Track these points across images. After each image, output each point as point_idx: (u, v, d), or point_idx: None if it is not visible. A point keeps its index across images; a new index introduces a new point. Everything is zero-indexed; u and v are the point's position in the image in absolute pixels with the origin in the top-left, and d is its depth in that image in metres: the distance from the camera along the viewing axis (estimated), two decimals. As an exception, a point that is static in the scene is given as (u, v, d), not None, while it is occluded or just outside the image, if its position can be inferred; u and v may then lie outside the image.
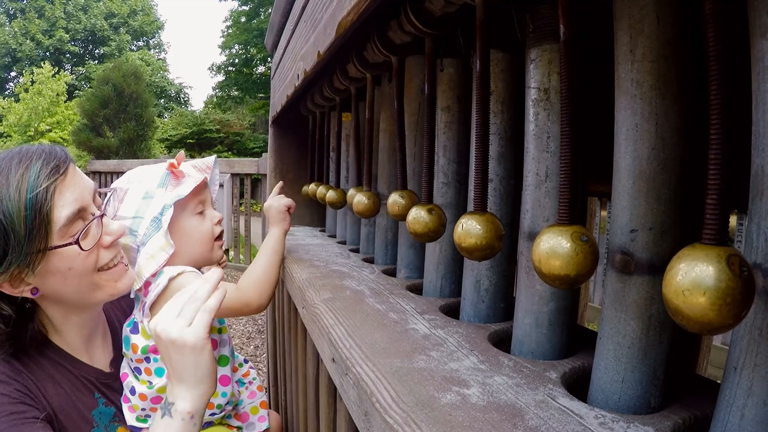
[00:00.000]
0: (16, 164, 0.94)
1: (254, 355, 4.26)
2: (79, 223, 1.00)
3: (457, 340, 0.87)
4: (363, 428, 0.74)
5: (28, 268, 0.94)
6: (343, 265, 1.49)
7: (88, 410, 1.10)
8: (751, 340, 0.49)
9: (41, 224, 0.93)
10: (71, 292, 1.03)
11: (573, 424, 0.60)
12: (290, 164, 2.64)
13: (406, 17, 0.98)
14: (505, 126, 0.95)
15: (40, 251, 0.94)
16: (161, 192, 1.17)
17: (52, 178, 0.95)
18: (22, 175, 0.93)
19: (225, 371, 1.23)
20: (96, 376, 1.14)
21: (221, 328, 1.25)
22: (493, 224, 0.74)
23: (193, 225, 1.23)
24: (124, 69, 12.84)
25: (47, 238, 0.95)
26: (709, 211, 0.43)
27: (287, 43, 1.97)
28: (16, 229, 0.91)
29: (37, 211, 0.93)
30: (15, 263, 0.92)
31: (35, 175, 0.94)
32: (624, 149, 0.63)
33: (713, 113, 0.44)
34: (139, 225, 1.14)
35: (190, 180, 1.21)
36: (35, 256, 0.94)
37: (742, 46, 0.51)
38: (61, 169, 0.98)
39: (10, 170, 0.94)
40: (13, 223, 0.91)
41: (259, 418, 1.36)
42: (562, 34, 0.62)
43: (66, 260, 0.98)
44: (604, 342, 0.67)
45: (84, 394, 1.10)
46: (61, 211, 0.96)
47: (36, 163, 0.95)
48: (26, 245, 0.92)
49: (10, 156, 0.97)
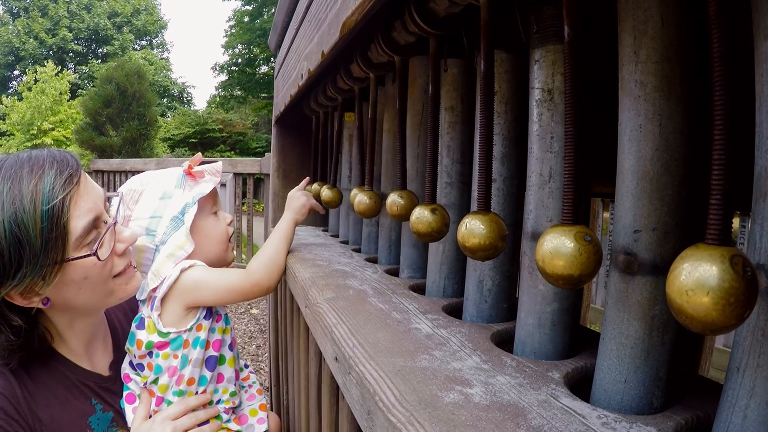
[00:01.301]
0: (28, 173, 0.92)
1: (256, 355, 4.27)
2: (94, 233, 0.98)
3: (460, 340, 0.87)
4: (366, 427, 0.75)
5: (43, 280, 0.91)
6: (346, 264, 1.50)
7: (84, 418, 1.09)
8: (754, 340, 0.49)
9: (58, 237, 0.91)
10: (84, 301, 1.02)
11: (576, 424, 0.60)
12: (293, 164, 2.65)
13: (411, 17, 0.98)
14: (508, 126, 0.95)
15: (56, 263, 0.92)
16: (179, 192, 1.19)
17: (68, 189, 0.93)
18: (36, 186, 0.90)
19: (222, 369, 1.23)
20: (94, 381, 1.14)
21: (225, 328, 1.26)
22: (497, 224, 0.74)
23: (210, 224, 1.26)
24: (127, 68, 12.85)
25: (64, 249, 0.93)
26: (713, 211, 0.43)
27: (291, 43, 1.97)
28: (32, 242, 0.88)
29: (54, 223, 0.90)
30: (30, 275, 0.90)
31: (50, 185, 0.91)
32: (628, 150, 0.63)
33: (717, 114, 0.44)
34: (158, 224, 1.16)
35: (207, 180, 1.23)
36: (51, 269, 0.92)
37: (746, 48, 0.51)
38: (75, 179, 0.96)
39: (22, 180, 0.91)
40: (29, 236, 0.88)
41: (258, 420, 1.36)
42: (567, 34, 0.63)
43: (82, 270, 0.97)
44: (607, 342, 0.67)
45: (80, 401, 1.10)
46: (78, 222, 0.94)
47: (49, 173, 0.92)
48: (42, 258, 0.90)
49: (20, 164, 0.93)
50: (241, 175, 7.07)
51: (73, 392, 1.09)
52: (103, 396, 1.14)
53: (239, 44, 22.62)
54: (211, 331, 1.20)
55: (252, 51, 22.30)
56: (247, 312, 5.44)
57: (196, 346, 1.16)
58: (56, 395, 1.05)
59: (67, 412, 1.06)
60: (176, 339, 1.15)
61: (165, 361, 1.15)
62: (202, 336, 1.17)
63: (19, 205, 0.88)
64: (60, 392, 1.06)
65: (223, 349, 1.24)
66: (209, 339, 1.19)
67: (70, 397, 1.08)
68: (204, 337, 1.18)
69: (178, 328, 1.15)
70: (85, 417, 1.09)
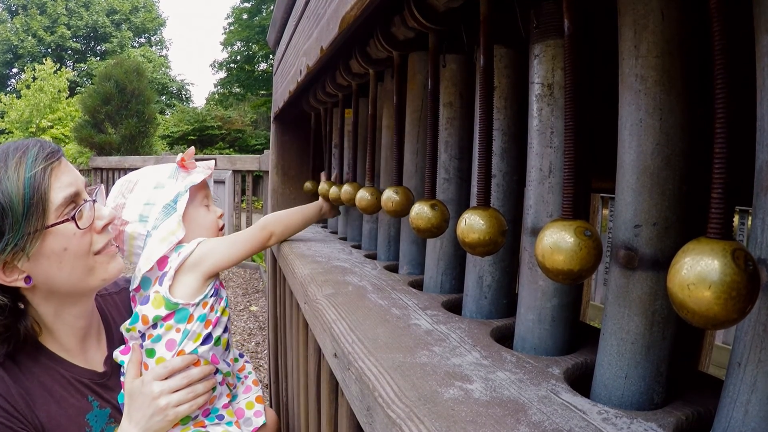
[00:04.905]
0: (13, 150, 0.98)
1: (255, 352, 4.27)
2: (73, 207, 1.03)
3: (459, 336, 0.87)
4: (365, 423, 0.75)
5: (23, 251, 0.95)
6: (346, 261, 1.49)
7: (82, 415, 1.09)
8: (756, 335, 0.49)
9: (38, 203, 0.96)
10: (65, 277, 1.03)
11: (576, 420, 0.60)
12: (292, 161, 2.64)
13: (410, 12, 0.98)
14: (508, 122, 0.95)
15: (37, 230, 0.96)
16: (172, 182, 1.26)
17: (48, 161, 0.99)
18: (20, 158, 0.97)
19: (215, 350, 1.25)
20: (90, 378, 1.14)
21: (225, 310, 1.29)
22: (497, 219, 0.74)
23: (201, 214, 1.32)
24: (125, 65, 12.83)
25: (44, 217, 0.97)
26: (714, 204, 0.43)
27: (290, 39, 1.97)
28: (14, 208, 0.94)
29: (35, 189, 0.96)
30: (11, 243, 0.94)
31: (33, 157, 0.98)
32: (628, 144, 0.63)
33: (718, 107, 0.44)
34: (151, 211, 1.22)
35: (199, 172, 1.30)
36: (32, 237, 0.96)
37: (746, 42, 0.51)
38: (57, 156, 1.02)
39: (8, 155, 0.97)
40: (12, 202, 0.94)
41: (255, 413, 1.37)
42: (567, 29, 0.62)
43: (62, 240, 1.00)
44: (608, 338, 0.67)
45: (77, 398, 1.10)
46: (58, 193, 0.99)
47: (32, 149, 0.99)
48: (24, 225, 0.95)
49: (6, 146, 1.01)
50: (240, 172, 7.07)
51: (69, 390, 1.09)
52: (99, 392, 1.15)
53: (238, 41, 22.60)
54: (214, 311, 1.23)
55: (251, 48, 22.27)
56: (246, 309, 5.44)
57: (199, 321, 1.20)
58: (52, 394, 1.06)
59: (64, 410, 1.06)
60: (182, 311, 1.18)
61: (167, 332, 1.17)
62: (206, 312, 1.21)
63: (3, 174, 0.95)
64: (56, 390, 1.06)
65: (217, 329, 1.25)
66: (210, 317, 1.22)
67: (66, 395, 1.08)
68: (207, 313, 1.21)
69: (186, 301, 1.18)
70: (83, 414, 1.09)
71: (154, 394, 1.12)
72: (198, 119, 20.60)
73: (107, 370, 1.19)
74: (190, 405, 1.16)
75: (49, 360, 1.09)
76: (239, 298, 5.83)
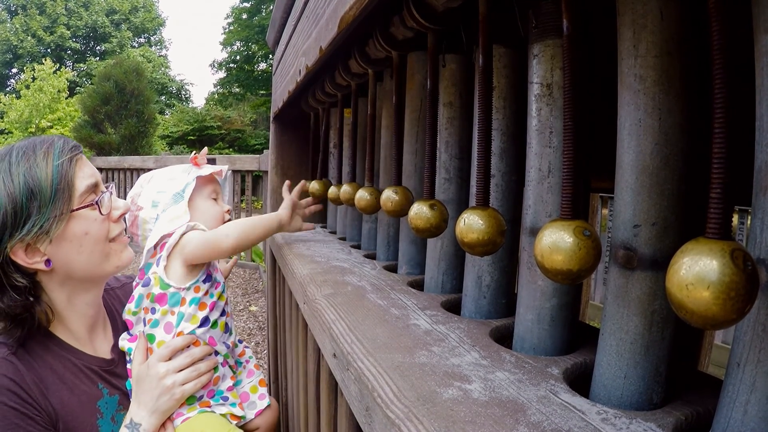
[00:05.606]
0: (40, 143, 1.08)
1: (255, 352, 4.27)
2: (93, 196, 1.11)
3: (458, 336, 0.87)
4: (364, 423, 0.75)
5: (47, 234, 1.03)
6: (345, 261, 1.49)
7: (93, 402, 1.13)
8: (755, 335, 0.48)
9: (65, 189, 1.05)
10: (84, 261, 1.10)
11: (575, 420, 0.60)
12: (292, 161, 2.64)
13: (409, 12, 0.98)
14: (507, 122, 0.95)
15: (62, 213, 1.04)
16: (184, 175, 1.38)
17: (73, 153, 1.09)
18: (47, 149, 1.06)
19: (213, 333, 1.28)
20: (99, 365, 1.18)
21: (222, 295, 1.33)
22: (496, 219, 0.74)
23: (207, 206, 1.41)
24: (125, 66, 12.84)
25: (70, 201, 1.06)
26: (713, 204, 0.43)
27: (289, 39, 1.97)
28: (43, 192, 1.02)
29: (62, 176, 1.05)
30: (37, 225, 1.01)
31: (59, 149, 1.07)
32: (627, 144, 0.63)
33: (717, 106, 0.44)
34: (162, 197, 1.34)
35: (209, 166, 1.42)
36: (56, 219, 1.04)
37: (745, 42, 0.51)
38: (79, 149, 1.13)
39: (35, 146, 1.06)
40: (41, 187, 1.02)
41: (259, 396, 1.40)
42: (566, 29, 0.62)
43: (84, 224, 1.08)
44: (607, 338, 0.67)
45: (88, 385, 1.13)
46: (82, 181, 1.09)
47: (58, 142, 1.09)
48: (50, 208, 1.02)
49: (31, 140, 1.10)
50: (240, 172, 7.07)
51: (80, 377, 1.12)
52: (108, 379, 1.18)
53: (237, 41, 22.58)
54: (209, 295, 1.28)
55: (250, 48, 22.25)
56: (246, 309, 5.44)
57: (193, 304, 1.24)
58: (64, 381, 1.09)
59: (76, 396, 1.09)
60: (174, 295, 1.23)
61: (163, 317, 1.22)
62: (199, 296, 1.25)
63: (33, 162, 1.04)
64: (68, 378, 1.10)
65: (214, 313, 1.28)
66: (205, 301, 1.26)
67: (78, 382, 1.11)
68: (201, 296, 1.25)
69: (178, 285, 1.23)
70: (94, 401, 1.13)
71: (160, 374, 1.16)
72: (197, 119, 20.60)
73: (114, 358, 1.23)
74: (194, 383, 1.19)
75: (60, 348, 1.12)
76: (239, 298, 5.83)
